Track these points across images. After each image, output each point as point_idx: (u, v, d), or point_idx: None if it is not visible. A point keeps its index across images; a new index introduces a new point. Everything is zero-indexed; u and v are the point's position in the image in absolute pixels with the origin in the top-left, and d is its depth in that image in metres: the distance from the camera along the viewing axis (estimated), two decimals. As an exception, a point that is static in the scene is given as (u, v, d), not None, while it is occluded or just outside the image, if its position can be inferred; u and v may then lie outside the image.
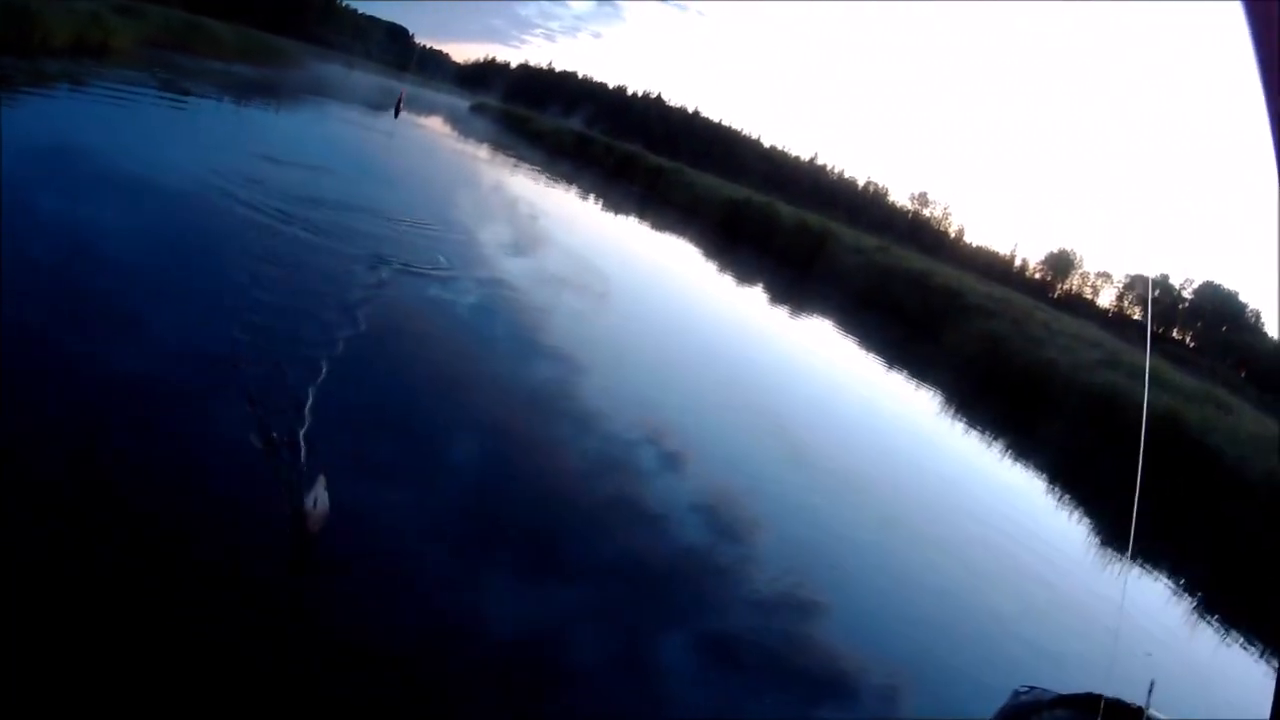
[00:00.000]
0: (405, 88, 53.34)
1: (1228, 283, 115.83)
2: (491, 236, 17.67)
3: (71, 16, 23.67)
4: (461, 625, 4.99)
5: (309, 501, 4.84)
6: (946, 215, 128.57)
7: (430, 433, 7.59)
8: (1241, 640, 10.93)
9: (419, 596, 5.09)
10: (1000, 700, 3.24)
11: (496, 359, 10.49)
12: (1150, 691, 3.00)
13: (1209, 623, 11.20)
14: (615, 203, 39.62)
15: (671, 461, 8.78)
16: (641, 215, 38.29)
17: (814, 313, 26.86)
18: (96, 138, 14.67)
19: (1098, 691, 3.10)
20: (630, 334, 15.12)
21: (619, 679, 5.09)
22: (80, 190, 10.48)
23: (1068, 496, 15.25)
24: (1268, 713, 1.23)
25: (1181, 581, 12.42)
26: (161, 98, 22.11)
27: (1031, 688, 3.26)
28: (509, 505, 6.68)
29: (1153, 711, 2.91)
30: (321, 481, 5.04)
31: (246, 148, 17.68)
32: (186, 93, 24.93)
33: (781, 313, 25.49)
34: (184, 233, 10.68)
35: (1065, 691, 3.18)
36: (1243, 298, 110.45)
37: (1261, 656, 10.42)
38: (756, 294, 27.42)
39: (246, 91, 33.47)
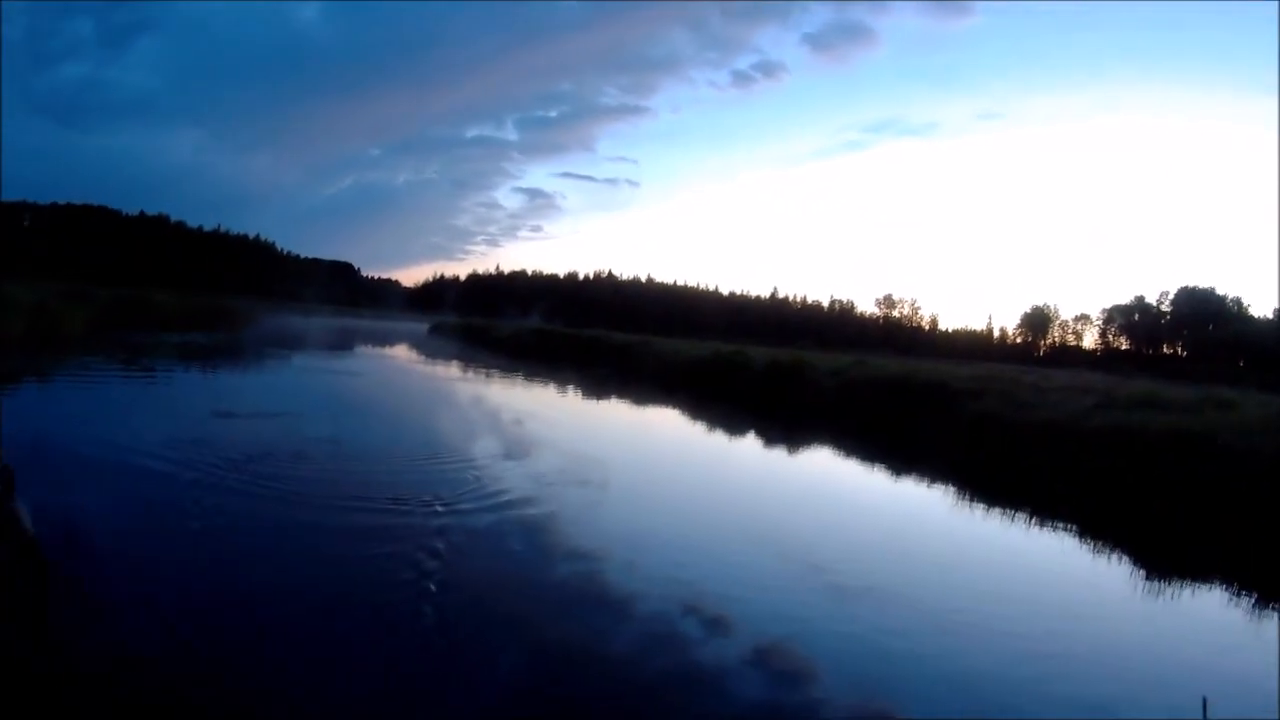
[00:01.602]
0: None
1: (1202, 283, 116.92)
2: (488, 451, 17.90)
3: (17, 308, 24.54)
4: None
5: None
6: (915, 310, 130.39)
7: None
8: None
9: None
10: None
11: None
12: (1204, 709, 3.19)
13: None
14: (589, 389, 40.15)
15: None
16: (619, 395, 38.80)
17: (806, 447, 26.77)
18: (59, 426, 15.24)
19: None
20: (656, 506, 15.41)
21: None
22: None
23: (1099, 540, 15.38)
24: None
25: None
26: (125, 376, 23.21)
27: None
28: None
29: None
30: None
31: (235, 413, 18.76)
32: (149, 369, 26.11)
33: (777, 454, 25.45)
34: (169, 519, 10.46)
35: None
36: (1220, 291, 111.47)
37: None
38: (749, 442, 27.43)
39: (210, 356, 34.71)
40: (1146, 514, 17.39)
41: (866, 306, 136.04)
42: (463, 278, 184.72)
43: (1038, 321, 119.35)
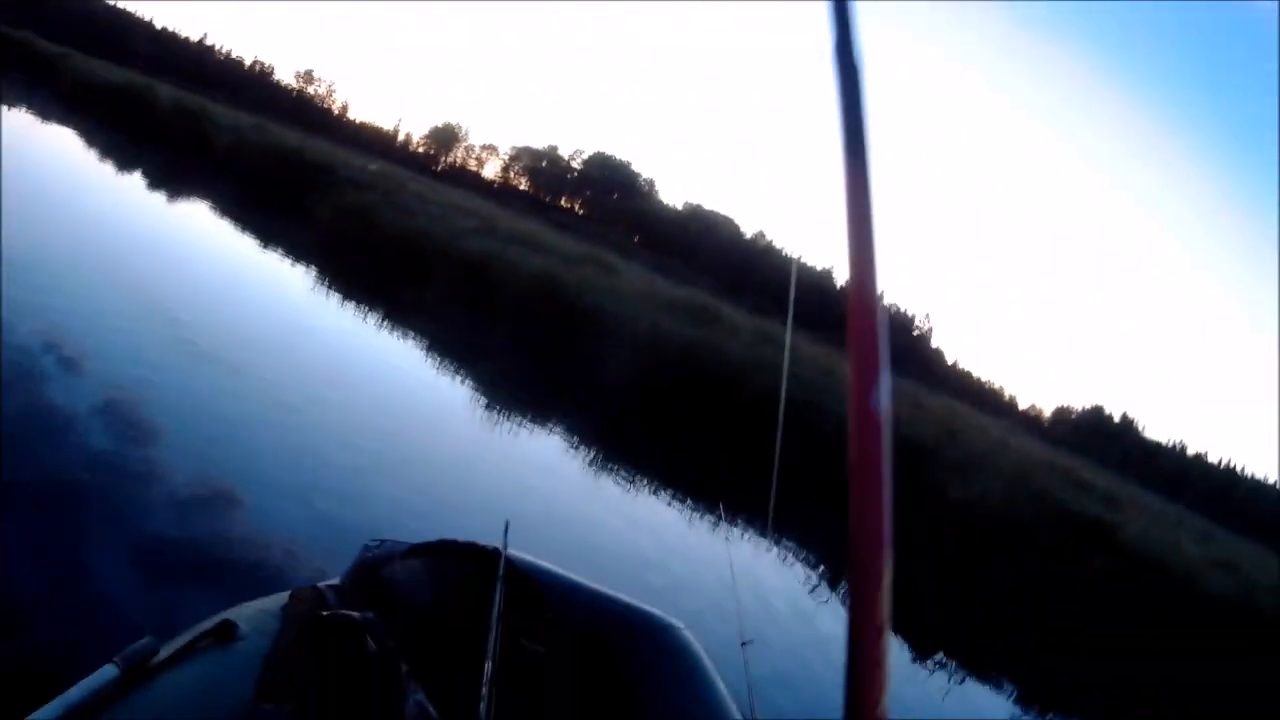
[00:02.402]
0: None
1: (621, 155, 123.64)
2: None
3: None
4: None
5: None
6: (331, 92, 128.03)
7: None
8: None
9: None
10: (347, 560, 2.87)
11: None
12: (506, 531, 2.88)
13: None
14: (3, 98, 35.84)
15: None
16: (28, 104, 35.71)
17: (188, 194, 25.89)
18: None
19: (451, 537, 2.86)
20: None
21: None
22: None
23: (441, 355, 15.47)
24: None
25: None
26: None
27: (382, 541, 2.93)
28: None
29: (511, 552, 2.75)
30: None
31: None
32: None
33: (156, 197, 24.09)
34: None
35: (417, 541, 2.88)
36: (636, 168, 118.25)
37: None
38: (135, 179, 25.84)
39: None
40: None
41: (286, 77, 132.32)
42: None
43: (445, 137, 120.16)
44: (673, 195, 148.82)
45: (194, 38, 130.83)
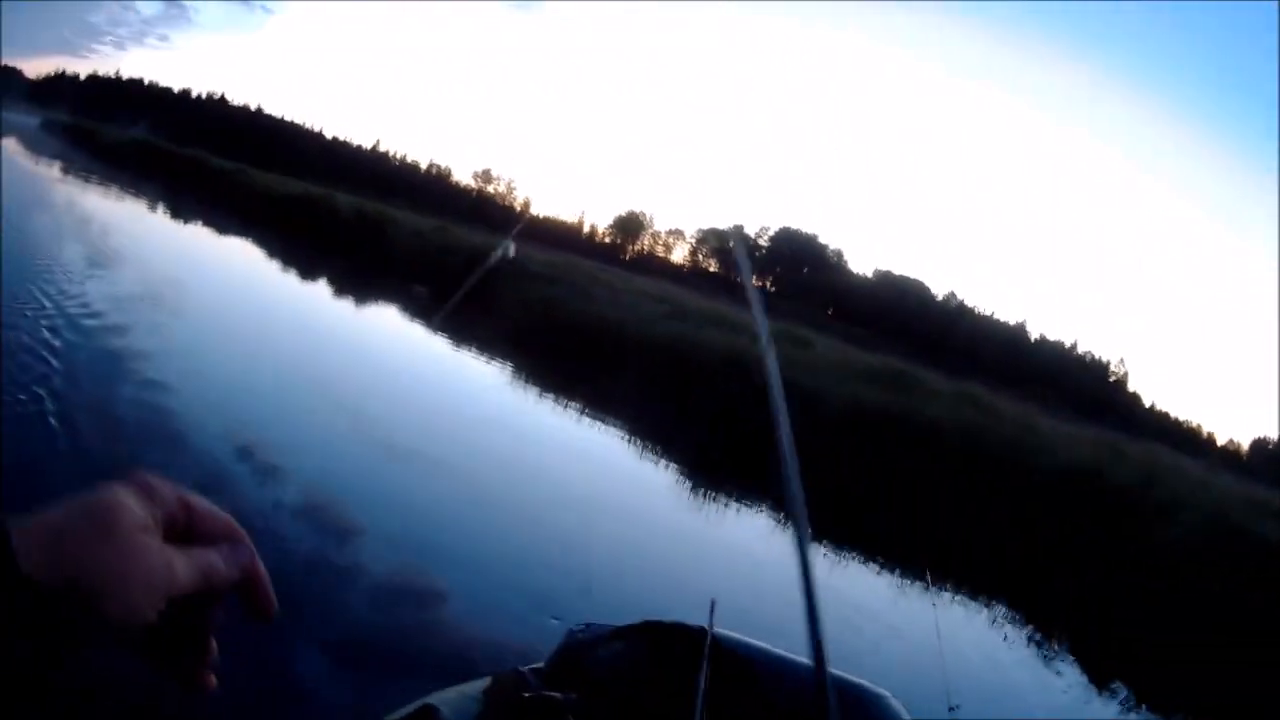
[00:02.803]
0: None
1: (806, 227, 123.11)
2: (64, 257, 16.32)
3: None
4: None
5: None
6: (511, 190, 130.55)
7: None
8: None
9: None
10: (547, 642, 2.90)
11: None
12: (712, 610, 2.84)
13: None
14: (178, 211, 38.60)
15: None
16: (205, 221, 37.03)
17: (377, 301, 26.54)
18: None
19: (654, 619, 2.89)
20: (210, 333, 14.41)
21: None
22: None
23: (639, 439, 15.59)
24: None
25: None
26: None
27: (588, 625, 2.97)
28: None
29: (717, 630, 2.73)
30: None
31: None
32: None
33: (346, 305, 25.06)
34: None
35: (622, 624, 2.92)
36: (822, 240, 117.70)
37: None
38: (320, 287, 26.92)
39: None
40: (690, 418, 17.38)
41: (464, 178, 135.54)
42: (84, 77, 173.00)
43: (630, 226, 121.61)
44: (862, 263, 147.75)
45: (367, 145, 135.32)
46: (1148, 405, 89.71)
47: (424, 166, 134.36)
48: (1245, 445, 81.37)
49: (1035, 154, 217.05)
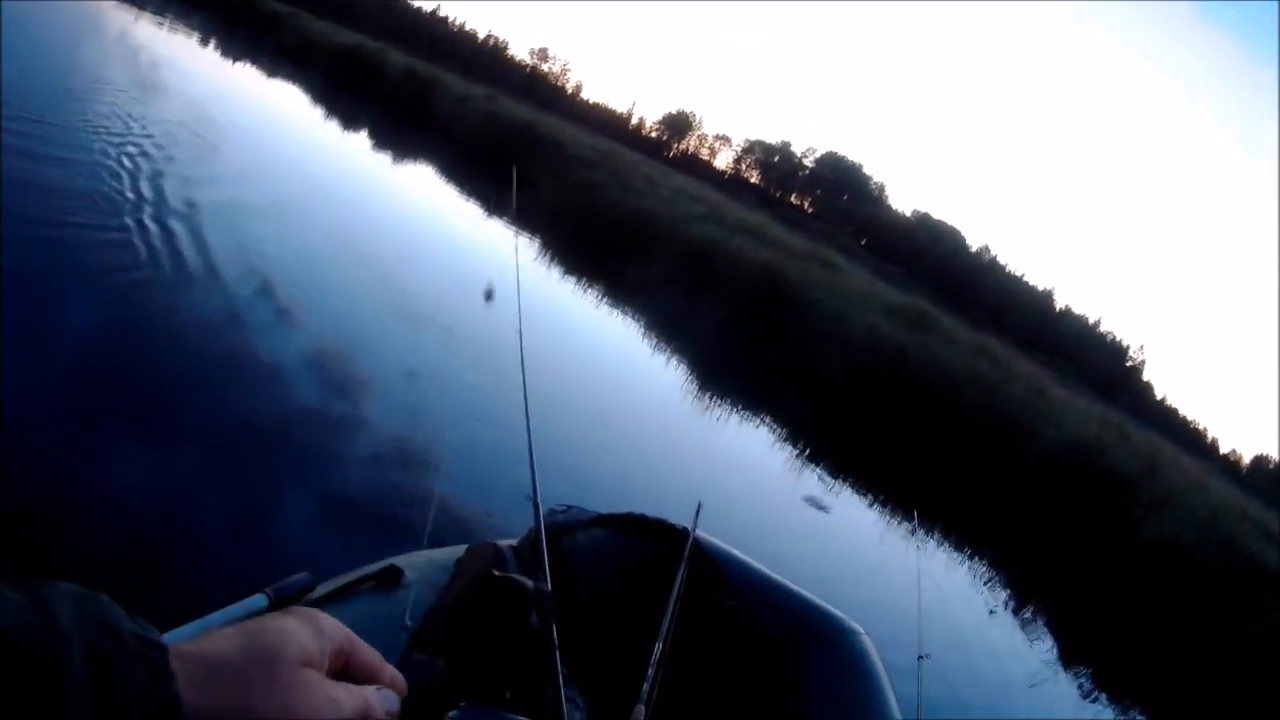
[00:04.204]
0: None
1: (853, 155, 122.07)
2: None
3: None
4: None
5: None
6: (565, 71, 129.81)
7: None
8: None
9: None
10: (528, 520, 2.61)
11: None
12: (697, 513, 2.86)
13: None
14: (229, 49, 37.23)
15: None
16: (254, 61, 36.13)
17: (415, 159, 26.34)
18: None
19: (639, 511, 2.87)
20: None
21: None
22: None
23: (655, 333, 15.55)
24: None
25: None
26: None
27: (569, 507, 2.91)
28: None
29: (700, 534, 2.74)
30: None
31: None
32: None
33: (382, 157, 24.79)
34: None
35: (605, 511, 2.90)
36: (868, 171, 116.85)
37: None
38: (360, 138, 26.69)
39: None
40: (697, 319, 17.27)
41: (521, 54, 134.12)
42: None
43: (678, 124, 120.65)
44: (902, 201, 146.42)
45: (427, 7, 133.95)
46: (1159, 397, 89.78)
47: (481, 36, 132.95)
48: (1246, 459, 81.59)
49: (1100, 126, 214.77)
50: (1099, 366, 78.96)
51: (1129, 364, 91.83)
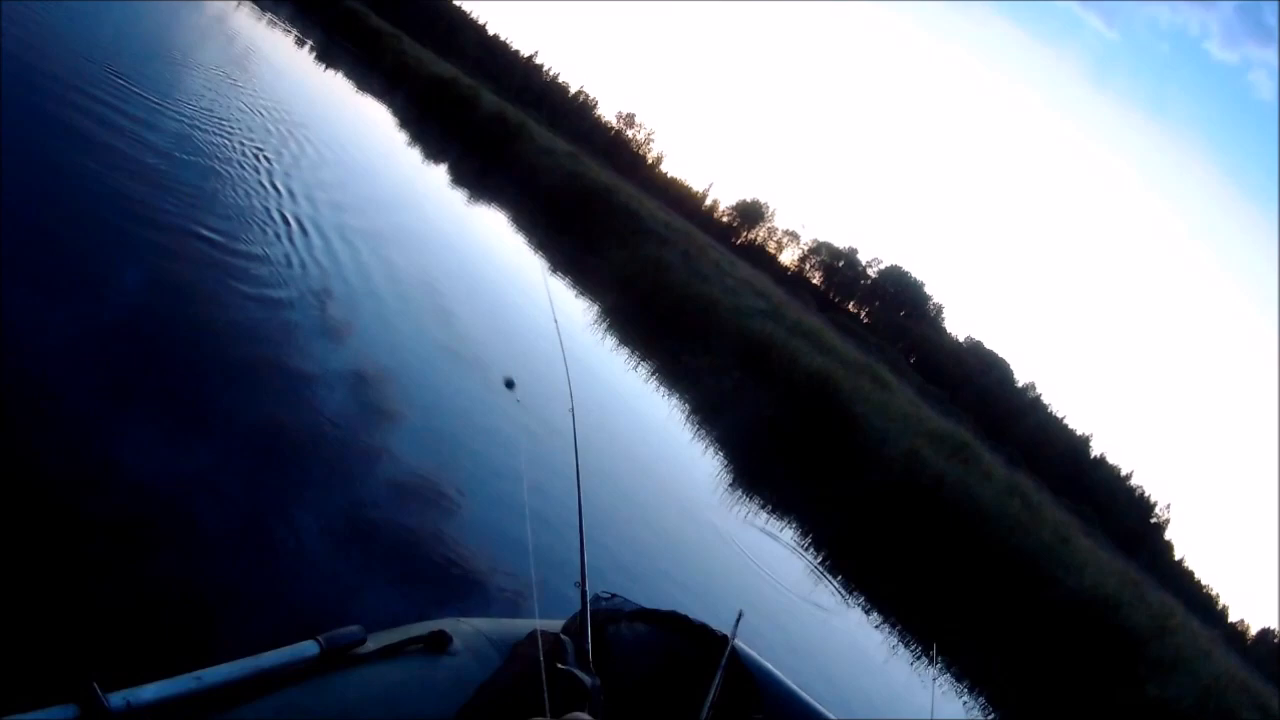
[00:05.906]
0: None
1: (916, 273, 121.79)
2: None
3: None
4: None
5: None
6: (649, 140, 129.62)
7: None
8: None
9: None
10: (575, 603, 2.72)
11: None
12: (738, 622, 2.87)
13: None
14: (325, 55, 37.97)
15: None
16: (347, 72, 36.68)
17: (490, 202, 26.27)
18: None
19: (683, 611, 2.87)
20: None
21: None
22: None
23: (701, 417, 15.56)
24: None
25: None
26: None
27: (613, 595, 2.95)
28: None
29: (737, 643, 2.73)
30: None
31: None
32: None
33: (458, 194, 24.82)
34: None
35: (649, 606, 2.93)
36: (928, 290, 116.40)
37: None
38: (439, 173, 26.69)
39: None
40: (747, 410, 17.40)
41: (607, 116, 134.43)
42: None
43: (751, 213, 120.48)
44: (957, 325, 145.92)
45: (524, 52, 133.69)
46: (1177, 558, 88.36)
47: (572, 91, 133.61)
48: (1253, 630, 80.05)
49: (1155, 275, 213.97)
50: (1124, 519, 77.91)
51: (1153, 520, 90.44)
